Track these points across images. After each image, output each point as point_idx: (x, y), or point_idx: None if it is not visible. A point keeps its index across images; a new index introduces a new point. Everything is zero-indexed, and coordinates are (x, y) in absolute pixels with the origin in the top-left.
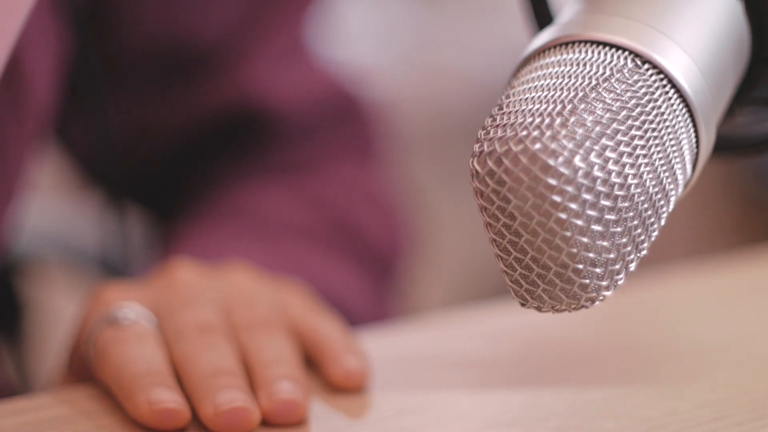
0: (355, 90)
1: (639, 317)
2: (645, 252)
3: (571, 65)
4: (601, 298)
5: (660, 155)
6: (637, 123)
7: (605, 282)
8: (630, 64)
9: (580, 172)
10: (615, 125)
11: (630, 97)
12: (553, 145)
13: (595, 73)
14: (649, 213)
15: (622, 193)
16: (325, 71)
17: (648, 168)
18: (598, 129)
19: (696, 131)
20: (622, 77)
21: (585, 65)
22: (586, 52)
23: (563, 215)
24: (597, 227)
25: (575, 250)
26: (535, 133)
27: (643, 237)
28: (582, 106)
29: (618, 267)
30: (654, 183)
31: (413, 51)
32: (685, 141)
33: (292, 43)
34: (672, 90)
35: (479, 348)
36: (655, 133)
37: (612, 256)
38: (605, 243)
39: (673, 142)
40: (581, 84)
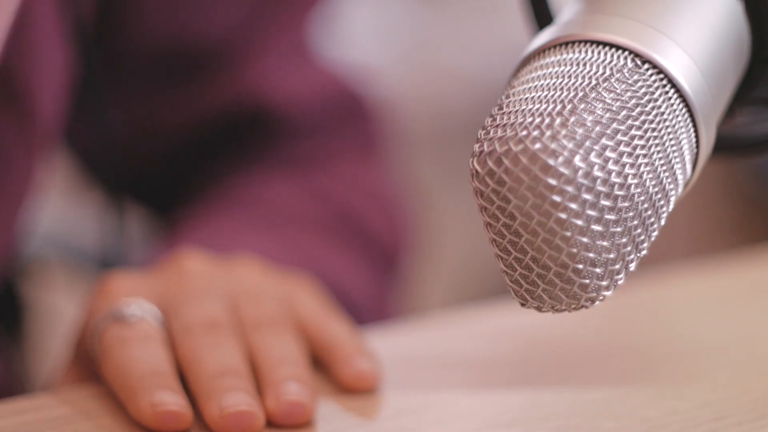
0: (359, 88)
1: (639, 317)
2: (645, 252)
3: (571, 65)
4: (601, 298)
5: (660, 155)
6: (637, 123)
7: (605, 282)
8: (630, 64)
9: (580, 172)
10: (615, 125)
11: (630, 97)
12: (553, 145)
13: (595, 73)
14: (649, 213)
15: (622, 193)
16: (329, 70)
17: (648, 168)
18: (598, 129)
19: (696, 131)
20: (622, 77)
21: (585, 65)
22: (586, 52)
23: (563, 215)
24: (597, 227)
25: (575, 250)
26: (535, 133)
27: (643, 237)
28: (582, 106)
29: (618, 267)
30: (654, 183)
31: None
32: (685, 141)
33: (296, 43)
34: (672, 90)
35: (479, 348)
36: (655, 133)
37: (612, 256)
38: (605, 243)
39: (673, 142)
40: (581, 84)
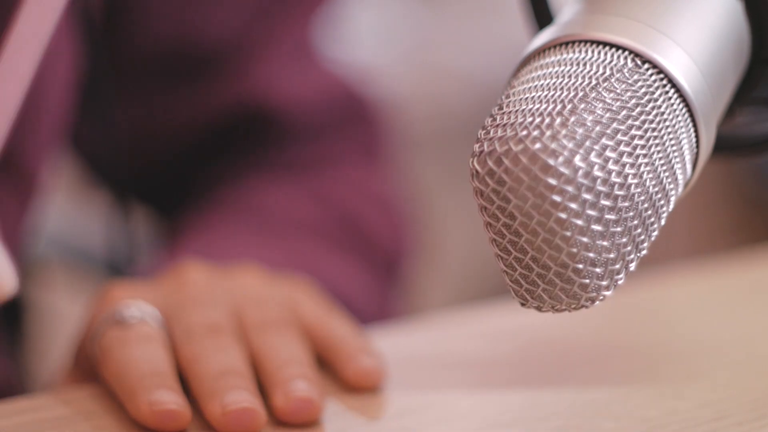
0: (362, 91)
1: (639, 317)
2: (645, 252)
3: (571, 65)
4: (601, 297)
5: (660, 155)
6: (637, 123)
7: (605, 282)
8: (630, 63)
9: (580, 171)
10: (615, 125)
11: (630, 97)
12: (553, 145)
13: (595, 73)
14: (649, 213)
15: (622, 193)
16: (333, 72)
17: (648, 168)
18: (598, 129)
19: (696, 131)
20: (622, 77)
21: (585, 65)
22: (586, 51)
23: (563, 215)
24: (597, 227)
25: (575, 249)
26: (535, 133)
27: (643, 237)
28: (582, 105)
29: (618, 267)
30: (654, 183)
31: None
32: (685, 141)
33: (300, 44)
34: (672, 90)
35: (479, 348)
36: (655, 133)
37: (612, 255)
38: (605, 243)
39: (673, 141)
40: (581, 84)
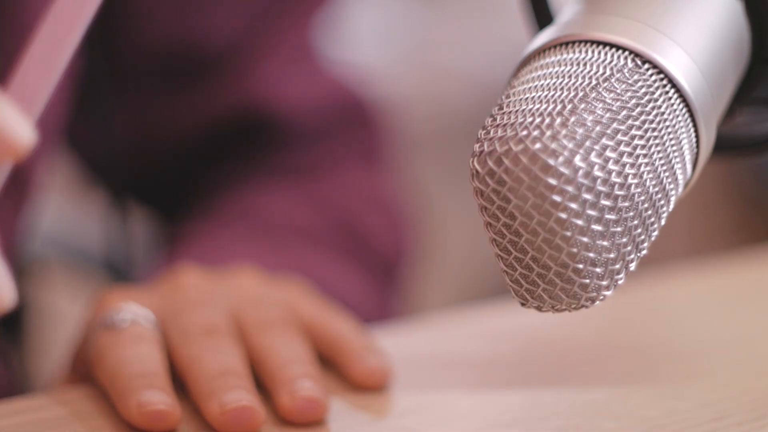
0: (363, 93)
1: (639, 317)
2: (645, 252)
3: (571, 65)
4: (602, 297)
5: (660, 155)
6: (638, 123)
7: (605, 282)
8: (630, 63)
9: (580, 171)
10: (615, 125)
11: (630, 97)
12: (554, 145)
13: (595, 73)
14: (650, 213)
15: (622, 193)
16: (334, 75)
17: (648, 168)
18: (598, 129)
19: (696, 131)
20: (622, 77)
21: (585, 65)
22: (586, 51)
23: (563, 215)
24: (597, 227)
25: (575, 249)
26: (536, 133)
27: (644, 237)
28: (582, 105)
29: (618, 267)
30: (654, 183)
31: (413, 51)
32: (685, 141)
33: (300, 47)
34: (672, 90)
35: (479, 348)
36: (656, 133)
37: (612, 255)
38: (605, 243)
39: (673, 141)
40: (581, 84)
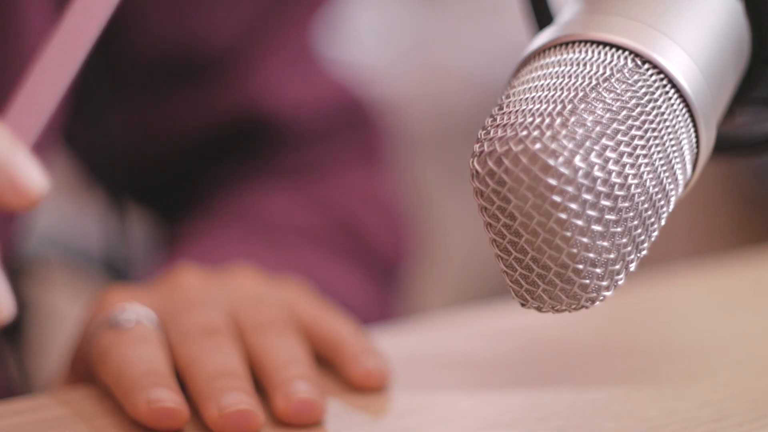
0: (363, 94)
1: (639, 317)
2: (645, 252)
3: (571, 65)
4: (602, 298)
5: (660, 155)
6: (638, 123)
7: (605, 282)
8: (630, 64)
9: (580, 172)
10: (615, 125)
11: (630, 97)
12: (554, 145)
13: (595, 73)
14: (650, 213)
15: (622, 193)
16: (333, 76)
17: (648, 168)
18: (598, 129)
19: (696, 131)
20: (622, 77)
21: (585, 65)
22: (586, 52)
23: (563, 215)
24: (597, 227)
25: (575, 250)
26: (536, 133)
27: (644, 237)
28: (582, 106)
29: (618, 267)
30: (654, 183)
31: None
32: (685, 141)
33: (300, 49)
34: (672, 90)
35: (479, 348)
36: (656, 133)
37: (612, 256)
38: (605, 243)
39: (673, 142)
40: (581, 84)
